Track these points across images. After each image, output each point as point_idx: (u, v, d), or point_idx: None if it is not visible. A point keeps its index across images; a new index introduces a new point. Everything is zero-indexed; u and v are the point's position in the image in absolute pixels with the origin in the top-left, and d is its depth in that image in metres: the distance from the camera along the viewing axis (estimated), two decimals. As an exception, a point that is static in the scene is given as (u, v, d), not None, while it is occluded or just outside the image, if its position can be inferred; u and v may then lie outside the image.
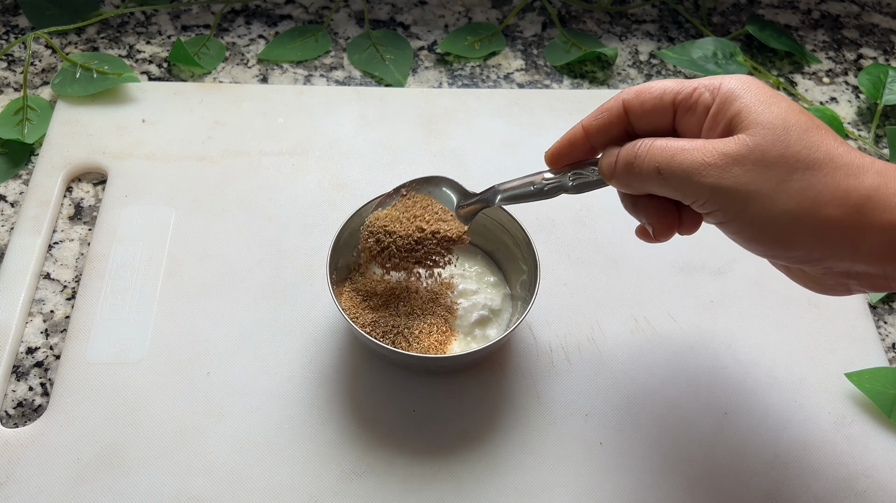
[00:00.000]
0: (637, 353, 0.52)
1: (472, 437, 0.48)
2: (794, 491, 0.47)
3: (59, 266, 0.55)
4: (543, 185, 0.42)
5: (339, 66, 0.69)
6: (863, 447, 0.48)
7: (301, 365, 0.50)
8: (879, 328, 0.55)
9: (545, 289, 0.53)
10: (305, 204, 0.58)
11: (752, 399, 0.50)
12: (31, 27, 0.69)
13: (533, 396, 0.49)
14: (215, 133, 0.62)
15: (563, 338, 0.52)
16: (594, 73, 0.70)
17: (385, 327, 0.48)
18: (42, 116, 0.62)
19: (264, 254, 0.55)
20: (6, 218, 0.58)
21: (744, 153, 0.34)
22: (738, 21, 0.75)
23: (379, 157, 0.61)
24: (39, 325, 0.52)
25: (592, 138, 0.40)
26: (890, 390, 0.49)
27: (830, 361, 0.52)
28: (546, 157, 0.42)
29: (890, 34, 0.75)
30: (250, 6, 0.73)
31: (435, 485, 0.46)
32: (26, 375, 0.50)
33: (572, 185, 0.42)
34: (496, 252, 0.54)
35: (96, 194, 0.59)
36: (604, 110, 0.40)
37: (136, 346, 0.50)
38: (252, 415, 0.48)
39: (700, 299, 0.54)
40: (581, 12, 0.75)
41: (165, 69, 0.68)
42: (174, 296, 0.53)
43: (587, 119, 0.40)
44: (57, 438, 0.47)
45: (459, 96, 0.66)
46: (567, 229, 0.58)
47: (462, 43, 0.70)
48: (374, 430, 0.48)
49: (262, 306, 0.53)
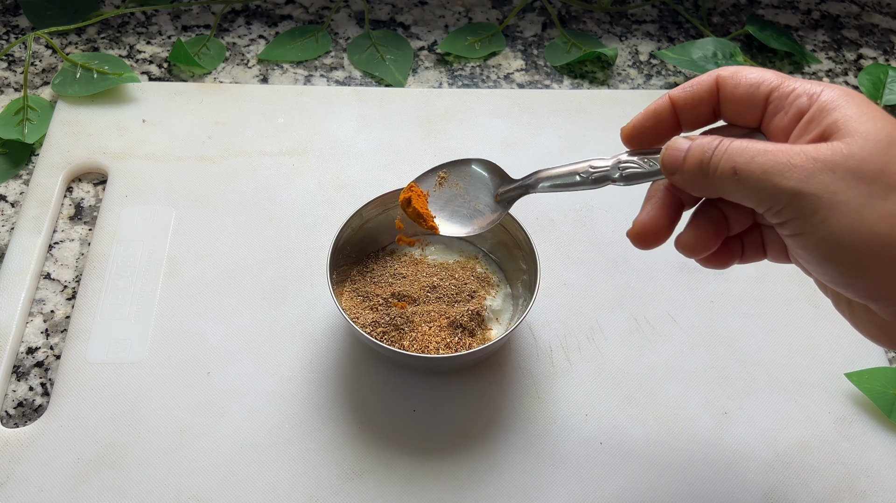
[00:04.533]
0: (637, 353, 0.52)
1: (472, 437, 0.48)
2: (794, 491, 0.47)
3: (60, 266, 0.55)
4: (590, 173, 0.39)
5: (340, 66, 0.69)
6: (863, 447, 0.48)
7: (301, 365, 0.50)
8: (879, 328, 0.55)
9: (545, 290, 0.53)
10: (305, 204, 0.58)
11: (752, 399, 0.50)
12: (32, 27, 0.69)
13: (533, 396, 0.50)
14: (215, 133, 0.62)
15: (563, 338, 0.52)
16: (594, 74, 0.70)
17: (385, 327, 0.48)
18: (42, 116, 0.62)
19: (264, 254, 0.55)
20: (6, 218, 0.58)
21: (837, 160, 0.30)
22: (738, 21, 0.75)
23: (379, 157, 0.61)
24: (40, 325, 0.52)
25: (680, 112, 0.37)
26: (890, 390, 0.49)
27: (830, 361, 0.52)
28: (623, 134, 0.38)
29: (890, 34, 0.75)
30: (250, 6, 0.73)
31: (435, 485, 0.46)
32: (26, 375, 0.50)
33: (620, 175, 0.38)
34: (496, 252, 0.54)
35: (96, 194, 0.59)
36: (695, 83, 0.36)
37: (136, 346, 0.50)
38: (252, 415, 0.48)
39: (700, 299, 0.54)
40: (581, 12, 0.75)
41: (166, 69, 0.68)
42: (174, 296, 0.53)
43: (676, 90, 0.37)
44: (57, 438, 0.47)
45: (459, 96, 0.66)
46: (567, 229, 0.58)
47: (462, 43, 0.70)
48: (374, 430, 0.48)
49: (262, 306, 0.53)
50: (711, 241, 0.37)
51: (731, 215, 0.37)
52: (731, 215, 0.37)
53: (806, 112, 0.33)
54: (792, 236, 0.32)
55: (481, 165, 0.45)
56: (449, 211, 0.45)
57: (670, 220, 0.37)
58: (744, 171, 0.32)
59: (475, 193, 0.45)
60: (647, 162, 0.37)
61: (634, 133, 0.38)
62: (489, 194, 0.45)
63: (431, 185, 0.46)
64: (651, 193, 0.38)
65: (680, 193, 0.37)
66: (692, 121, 0.37)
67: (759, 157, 0.32)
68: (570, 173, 0.40)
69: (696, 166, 0.34)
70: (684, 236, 0.37)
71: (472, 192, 0.45)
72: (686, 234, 0.37)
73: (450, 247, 0.54)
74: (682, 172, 0.35)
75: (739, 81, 0.35)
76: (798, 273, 0.56)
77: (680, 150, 0.35)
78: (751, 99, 0.35)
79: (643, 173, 0.37)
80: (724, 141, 0.33)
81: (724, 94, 0.36)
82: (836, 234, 0.30)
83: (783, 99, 0.34)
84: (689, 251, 0.37)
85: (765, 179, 0.31)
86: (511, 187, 0.44)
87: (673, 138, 0.36)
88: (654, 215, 0.37)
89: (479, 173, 0.45)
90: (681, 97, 0.37)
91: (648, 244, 0.37)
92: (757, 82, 0.35)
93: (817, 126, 0.32)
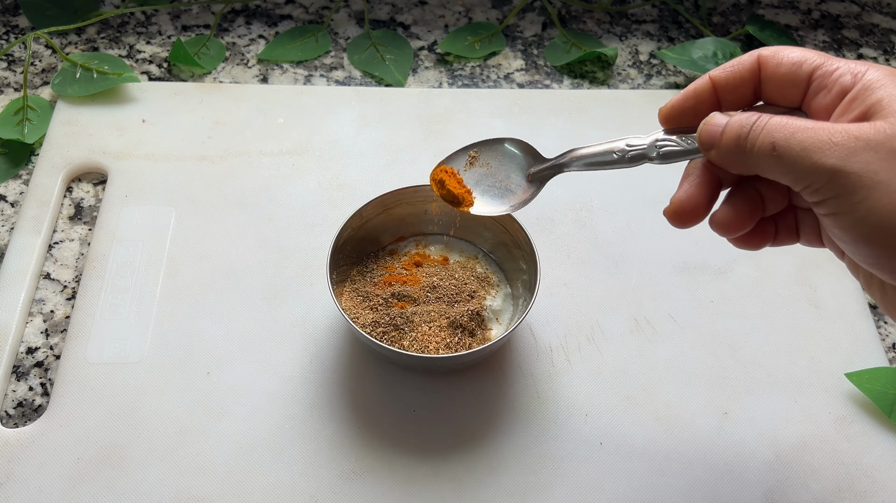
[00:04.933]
0: (637, 353, 0.52)
1: (472, 437, 0.48)
2: (794, 491, 0.47)
3: (60, 266, 0.55)
4: (626, 151, 0.38)
5: (339, 66, 0.69)
6: (863, 447, 0.48)
7: (301, 365, 0.50)
8: (879, 328, 0.55)
9: (545, 290, 0.53)
10: (305, 204, 0.58)
11: (752, 399, 0.50)
12: (31, 27, 0.69)
13: (533, 396, 0.49)
14: (215, 133, 0.62)
15: (563, 338, 0.52)
16: (594, 73, 0.70)
17: (385, 327, 0.48)
18: (42, 116, 0.62)
19: (264, 254, 0.55)
20: (6, 218, 0.58)
21: (880, 140, 0.30)
22: (738, 21, 0.75)
23: (379, 157, 0.61)
24: (39, 325, 0.52)
25: (721, 92, 0.36)
26: (890, 390, 0.49)
27: (830, 361, 0.52)
28: (661, 114, 0.38)
29: (890, 34, 0.75)
30: (250, 6, 0.73)
31: (435, 485, 0.46)
32: (26, 375, 0.50)
33: (658, 153, 0.37)
34: (496, 252, 0.54)
35: (96, 194, 0.59)
36: (736, 63, 0.36)
37: (136, 346, 0.50)
38: (252, 416, 0.48)
39: (700, 299, 0.54)
40: (581, 12, 0.75)
41: (165, 69, 0.68)
42: (174, 296, 0.53)
43: (716, 70, 0.36)
44: (57, 438, 0.47)
45: (459, 96, 0.66)
46: (567, 229, 0.58)
47: (462, 43, 0.70)
48: (374, 430, 0.48)
49: (262, 306, 0.53)
50: (746, 221, 0.36)
51: (767, 195, 0.36)
52: (767, 195, 0.36)
53: (849, 91, 0.32)
54: (829, 215, 0.32)
55: (514, 144, 0.44)
56: (480, 190, 0.44)
57: (708, 197, 0.36)
58: (783, 147, 0.31)
59: (507, 173, 0.44)
60: (684, 140, 0.37)
61: (673, 113, 0.38)
62: (521, 174, 0.44)
63: (461, 164, 0.45)
64: (688, 171, 0.37)
65: (718, 171, 0.37)
66: (733, 101, 0.37)
67: (798, 133, 0.31)
68: (606, 152, 0.39)
69: (733, 141, 0.33)
70: (719, 214, 0.36)
71: (504, 171, 0.44)
72: (721, 212, 0.36)
73: (450, 247, 0.54)
74: (719, 147, 0.34)
75: (781, 60, 0.35)
76: (798, 273, 0.56)
77: (717, 125, 0.34)
78: (793, 77, 0.34)
79: (680, 151, 0.37)
80: (763, 116, 0.33)
81: (766, 72, 0.35)
82: (875, 214, 0.30)
83: (826, 77, 0.33)
84: (724, 229, 0.36)
85: (804, 156, 0.31)
86: (544, 166, 0.43)
87: (711, 114, 0.35)
88: (692, 192, 0.36)
89: (511, 152, 0.44)
90: (721, 77, 0.36)
91: (685, 222, 0.36)
92: (800, 61, 0.34)
93: (860, 105, 0.32)
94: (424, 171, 0.60)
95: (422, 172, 0.60)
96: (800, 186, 0.32)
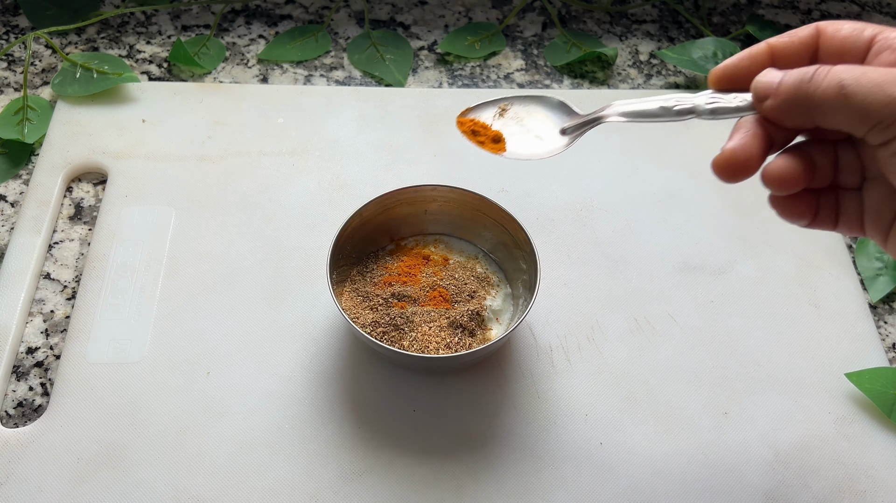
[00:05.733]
0: (637, 353, 0.52)
1: (472, 437, 0.48)
2: (794, 491, 0.47)
3: (59, 266, 0.55)
4: (674, 104, 0.37)
5: (339, 66, 0.69)
6: (863, 447, 0.48)
7: (301, 365, 0.50)
8: (879, 328, 0.55)
9: (545, 290, 0.53)
10: (305, 204, 0.58)
11: (752, 399, 0.50)
12: (31, 27, 0.69)
13: (533, 396, 0.49)
14: (215, 133, 0.62)
15: (563, 338, 0.52)
16: (594, 73, 0.70)
17: (385, 327, 0.48)
18: (42, 116, 0.62)
19: (264, 254, 0.55)
20: (6, 218, 0.58)
21: None
22: (738, 21, 0.75)
23: (379, 157, 0.61)
24: (39, 325, 0.52)
25: (777, 59, 0.36)
26: (890, 390, 0.49)
27: (830, 361, 0.52)
28: (713, 75, 0.37)
29: (890, 34, 0.75)
30: (250, 6, 0.73)
31: (435, 486, 0.46)
32: (26, 375, 0.50)
33: (708, 107, 0.36)
34: (496, 252, 0.54)
35: (96, 194, 0.59)
36: (794, 32, 0.36)
37: (136, 346, 0.50)
38: (252, 415, 0.48)
39: (700, 299, 0.54)
40: (581, 12, 0.75)
41: (165, 69, 0.68)
42: (174, 296, 0.53)
43: (775, 38, 0.36)
44: (57, 438, 0.47)
45: (459, 96, 0.66)
46: (567, 229, 0.58)
47: (462, 43, 0.70)
48: (374, 430, 0.48)
49: (262, 306, 0.53)
50: (800, 177, 0.35)
51: (818, 161, 0.36)
52: (818, 161, 0.36)
53: None
54: None
55: (546, 100, 0.43)
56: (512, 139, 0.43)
57: (762, 150, 0.35)
58: (852, 85, 0.31)
59: (539, 126, 0.43)
60: (736, 98, 0.36)
61: (726, 74, 0.37)
62: (554, 128, 0.43)
63: (490, 116, 0.44)
64: (740, 125, 0.36)
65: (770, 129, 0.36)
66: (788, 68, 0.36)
67: (869, 72, 0.31)
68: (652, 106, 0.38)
69: (793, 87, 0.33)
70: (774, 164, 0.35)
71: (535, 124, 0.43)
72: (777, 163, 0.35)
73: (450, 247, 0.54)
74: (777, 95, 0.34)
75: (841, 26, 0.35)
76: (798, 273, 0.56)
77: (774, 76, 0.34)
78: (854, 40, 0.35)
79: (731, 108, 0.36)
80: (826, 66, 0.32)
81: (825, 38, 0.35)
82: None
83: (888, 40, 0.34)
84: (779, 182, 0.35)
85: (877, 90, 0.30)
86: (581, 120, 0.41)
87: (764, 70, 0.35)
88: (746, 142, 0.35)
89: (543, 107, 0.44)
90: (780, 43, 0.36)
91: (736, 174, 0.35)
92: (861, 27, 0.35)
93: None
94: (425, 171, 0.60)
95: (422, 172, 0.60)
96: (868, 125, 0.31)
